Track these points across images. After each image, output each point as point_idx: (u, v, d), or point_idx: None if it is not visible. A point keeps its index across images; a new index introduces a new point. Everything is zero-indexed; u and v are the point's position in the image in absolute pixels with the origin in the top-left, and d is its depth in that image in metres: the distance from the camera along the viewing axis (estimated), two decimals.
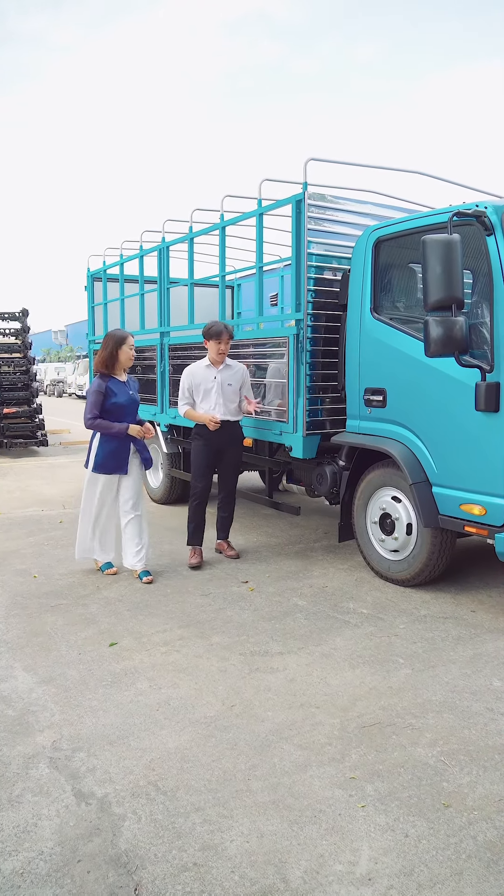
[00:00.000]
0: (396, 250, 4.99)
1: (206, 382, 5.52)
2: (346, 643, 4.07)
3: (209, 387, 5.52)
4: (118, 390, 5.11)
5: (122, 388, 5.17)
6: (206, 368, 5.55)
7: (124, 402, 5.12)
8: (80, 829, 2.43)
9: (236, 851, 2.33)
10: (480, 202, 4.27)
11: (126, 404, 5.14)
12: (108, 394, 5.05)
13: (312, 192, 5.20)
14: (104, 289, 8.88)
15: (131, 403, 5.20)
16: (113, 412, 5.07)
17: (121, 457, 5.17)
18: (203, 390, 5.53)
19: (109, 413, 5.06)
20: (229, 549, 5.88)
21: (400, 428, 4.85)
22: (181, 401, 5.62)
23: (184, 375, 5.60)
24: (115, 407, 5.07)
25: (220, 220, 6.24)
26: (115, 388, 5.10)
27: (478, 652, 3.96)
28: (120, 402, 5.09)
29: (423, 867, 2.27)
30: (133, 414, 5.24)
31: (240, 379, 5.61)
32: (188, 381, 5.56)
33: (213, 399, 5.51)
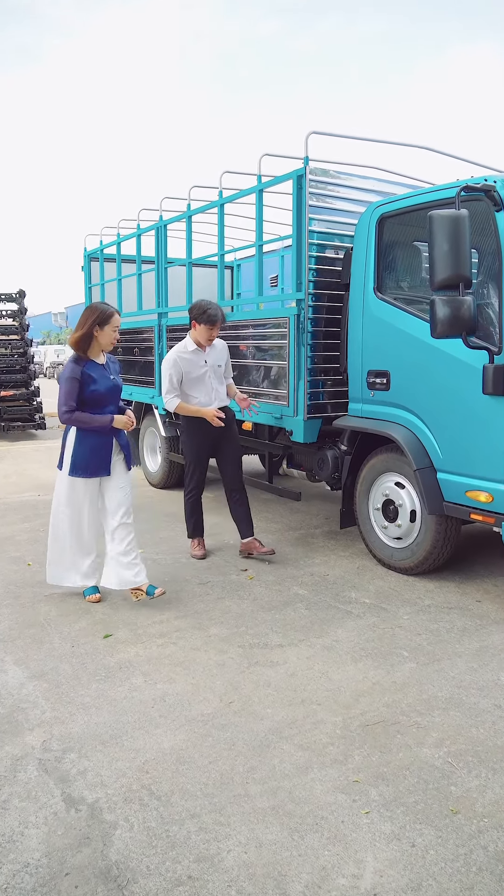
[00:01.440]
0: (401, 227, 4.80)
1: (196, 369, 5.01)
2: (349, 635, 3.94)
3: (200, 373, 5.02)
4: (97, 375, 4.24)
5: (102, 372, 4.29)
6: (194, 353, 5.01)
7: (104, 390, 4.27)
8: (68, 838, 2.31)
9: (233, 863, 2.20)
10: (489, 176, 4.09)
11: (107, 392, 4.29)
12: (85, 381, 4.19)
13: (314, 167, 5.01)
14: (101, 269, 8.69)
15: (113, 390, 4.35)
16: (92, 402, 4.23)
17: (102, 455, 4.32)
18: (194, 377, 5.01)
19: (87, 404, 4.22)
20: (261, 546, 5.27)
21: (404, 412, 4.70)
22: (168, 393, 5.00)
23: (168, 363, 4.97)
24: (94, 396, 4.23)
25: (219, 198, 6.04)
26: (93, 373, 4.23)
27: (484, 644, 3.82)
28: (100, 391, 4.24)
29: (431, 881, 2.15)
30: (115, 403, 4.40)
31: (225, 357, 5.19)
32: (175, 369, 4.96)
33: (208, 386, 5.06)
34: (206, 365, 5.04)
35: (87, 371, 4.22)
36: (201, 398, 5.05)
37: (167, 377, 4.98)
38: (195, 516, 5.39)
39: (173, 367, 4.96)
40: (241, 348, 5.91)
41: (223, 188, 6.03)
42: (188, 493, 5.35)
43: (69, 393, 4.17)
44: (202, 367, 5.03)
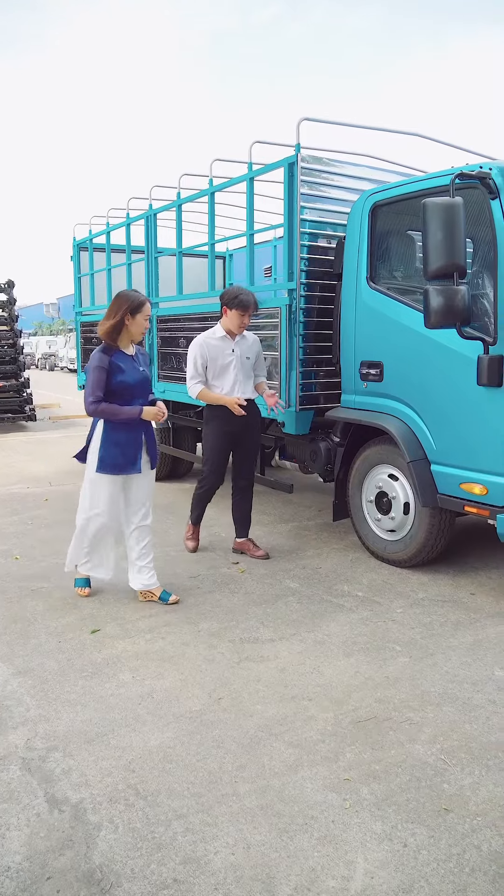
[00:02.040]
0: (394, 216, 4.73)
1: (222, 357, 4.77)
2: (341, 629, 3.89)
3: (226, 362, 4.78)
4: (126, 366, 4.04)
5: (131, 363, 4.08)
6: (222, 340, 4.77)
7: (133, 382, 4.05)
8: (51, 840, 2.24)
9: (221, 865, 2.14)
10: (485, 163, 4.01)
11: (136, 384, 4.07)
12: (113, 370, 3.99)
13: (306, 154, 4.93)
14: (90, 259, 8.59)
15: (142, 382, 4.12)
16: (119, 394, 4.02)
17: (132, 451, 4.09)
18: (219, 366, 4.77)
19: (115, 395, 4.01)
20: (255, 548, 5.14)
21: (397, 403, 4.64)
22: (192, 379, 4.80)
23: (194, 347, 4.78)
24: (122, 387, 4.01)
25: (209, 186, 5.95)
26: (121, 363, 4.03)
27: (478, 638, 3.77)
28: (128, 382, 4.02)
29: (423, 882, 2.09)
30: (145, 396, 4.16)
31: (256, 351, 4.93)
32: (200, 354, 4.75)
33: (232, 376, 4.80)
34: (234, 354, 4.79)
35: (116, 361, 4.02)
36: (225, 388, 4.81)
37: (192, 361, 4.79)
38: (200, 507, 5.25)
39: (198, 351, 4.76)
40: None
41: (213, 176, 5.94)
42: (202, 487, 5.12)
43: (97, 382, 3.97)
44: (229, 356, 4.79)
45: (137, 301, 4.03)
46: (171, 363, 6.81)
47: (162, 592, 4.28)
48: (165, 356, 6.94)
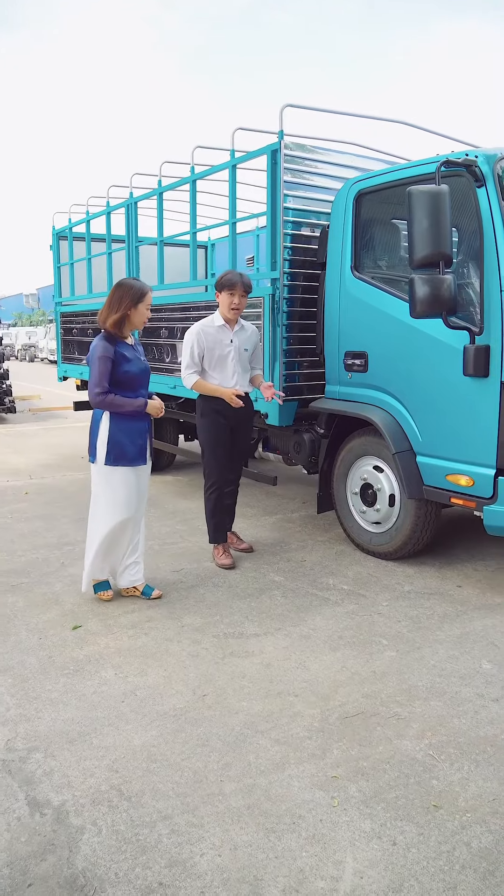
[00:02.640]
0: (379, 204, 4.67)
1: (220, 347, 4.56)
2: (326, 623, 3.84)
3: (224, 352, 4.57)
4: (130, 355, 3.95)
5: (133, 352, 4.00)
6: (220, 329, 4.57)
7: (138, 372, 3.96)
8: (32, 845, 2.18)
9: (207, 867, 2.09)
10: (470, 151, 3.96)
11: (139, 374, 3.98)
12: (118, 360, 3.88)
13: (289, 141, 4.86)
14: (70, 248, 8.47)
15: (145, 372, 4.05)
16: (125, 384, 3.92)
17: (140, 441, 4.02)
18: (217, 356, 4.56)
19: (121, 385, 3.90)
20: (239, 541, 5.08)
21: (382, 394, 4.59)
22: (187, 368, 4.58)
23: (190, 336, 4.56)
24: (127, 377, 3.91)
25: (191, 174, 5.86)
26: (126, 352, 3.93)
27: (465, 631, 3.75)
28: (133, 372, 3.93)
29: (413, 881, 2.05)
30: (146, 386, 4.09)
31: (254, 343, 4.74)
32: (197, 343, 4.53)
33: (230, 368, 4.59)
34: (232, 345, 4.58)
35: (120, 350, 3.91)
36: (221, 380, 4.60)
37: (188, 350, 4.55)
38: (217, 516, 4.81)
39: (195, 340, 4.53)
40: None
41: (195, 164, 5.86)
42: (208, 486, 4.78)
43: (102, 373, 3.84)
44: (227, 347, 4.58)
45: (141, 291, 3.93)
46: (152, 353, 6.72)
47: (145, 587, 4.22)
48: (147, 346, 6.85)
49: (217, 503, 4.79)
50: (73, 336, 8.64)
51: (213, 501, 4.78)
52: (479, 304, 3.89)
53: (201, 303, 6.02)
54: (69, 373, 8.89)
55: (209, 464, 4.76)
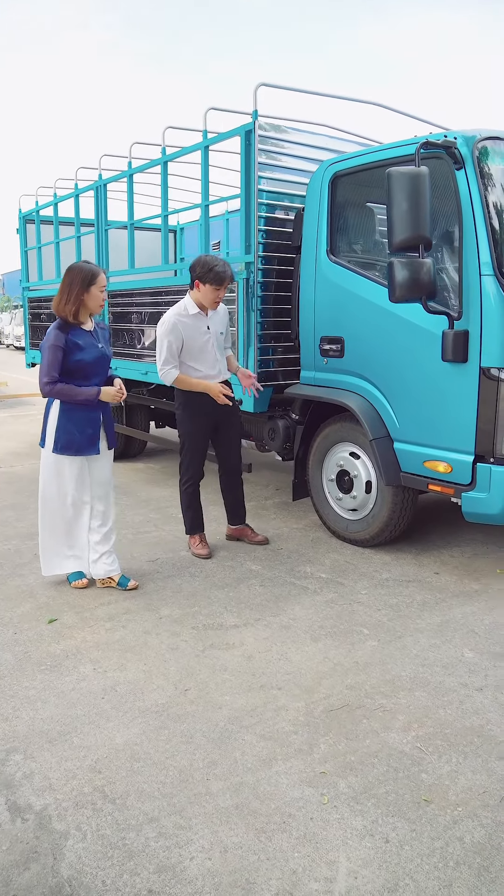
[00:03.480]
0: (355, 187, 4.59)
1: (197, 336, 4.33)
2: (306, 612, 3.80)
3: (203, 341, 4.34)
4: (84, 343, 3.85)
5: (89, 340, 3.88)
6: (196, 318, 4.32)
7: (91, 360, 3.86)
8: (14, 853, 2.10)
9: (197, 872, 2.03)
10: (449, 132, 3.90)
11: (93, 362, 3.87)
12: (69, 349, 3.79)
13: (263, 122, 4.75)
14: (37, 232, 8.27)
15: (101, 360, 3.93)
16: (77, 373, 3.83)
17: (90, 431, 3.92)
18: (196, 346, 4.33)
19: (72, 374, 3.82)
20: (254, 534, 4.90)
21: (359, 379, 4.54)
22: (165, 364, 4.30)
23: (165, 328, 4.27)
24: (79, 366, 3.82)
25: (162, 155, 5.72)
26: (79, 340, 3.83)
27: (445, 619, 3.73)
28: (85, 360, 3.82)
29: (408, 880, 2.02)
30: (103, 374, 3.97)
31: (226, 323, 4.55)
32: (175, 335, 4.26)
33: (211, 356, 4.39)
34: (210, 332, 4.37)
35: (72, 338, 3.82)
36: (204, 370, 4.39)
37: (164, 344, 4.26)
38: (193, 509, 4.70)
39: (172, 333, 4.26)
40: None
41: (166, 145, 5.72)
42: (184, 481, 4.65)
43: (51, 363, 3.77)
44: (205, 335, 4.35)
45: (91, 273, 3.82)
46: (123, 339, 6.60)
47: (121, 578, 4.14)
48: (117, 332, 6.72)
49: (193, 497, 4.68)
50: (41, 322, 8.45)
51: (189, 495, 4.68)
52: (459, 288, 3.85)
53: (172, 287, 5.90)
54: (38, 359, 8.70)
55: (187, 458, 4.62)
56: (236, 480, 4.85)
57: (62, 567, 4.13)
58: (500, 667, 3.23)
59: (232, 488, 4.85)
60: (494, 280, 3.74)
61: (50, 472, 4.00)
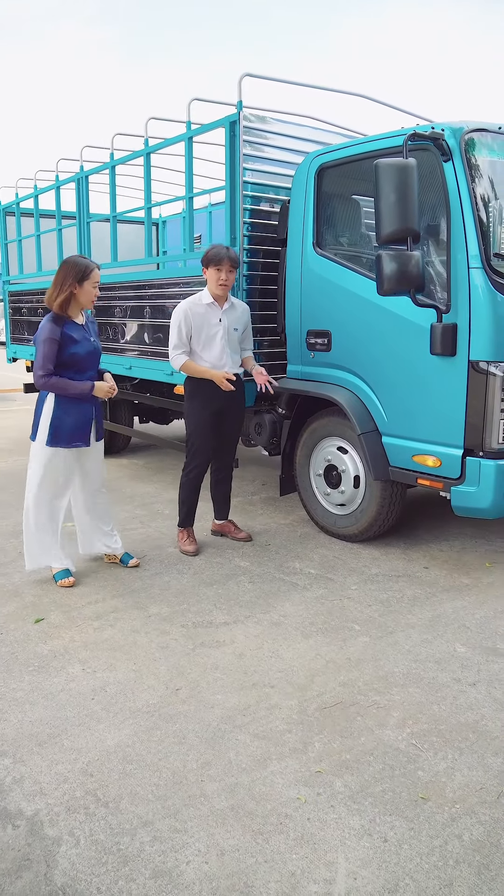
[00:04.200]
0: (342, 178, 4.55)
1: (208, 326, 4.37)
2: (296, 609, 3.77)
3: (213, 332, 4.38)
4: (78, 336, 3.90)
5: (82, 333, 3.94)
6: (209, 308, 4.37)
7: (85, 353, 3.92)
8: (6, 861, 2.04)
9: (194, 876, 1.99)
10: (437, 124, 3.87)
11: (87, 355, 3.95)
12: (64, 342, 3.83)
13: (248, 112, 4.69)
14: (17, 224, 8.14)
15: (93, 353, 4.01)
16: (71, 366, 3.88)
17: (83, 423, 4.01)
18: (204, 336, 4.37)
19: (67, 367, 3.87)
20: (237, 530, 4.89)
21: (346, 373, 4.51)
22: (175, 349, 4.37)
23: (177, 315, 4.35)
24: (73, 359, 3.87)
25: (145, 146, 5.65)
26: (73, 333, 3.87)
27: (436, 614, 3.71)
28: (80, 353, 3.89)
29: (408, 880, 1.99)
30: (95, 367, 4.06)
31: (245, 322, 4.57)
32: (185, 322, 4.33)
33: (219, 348, 4.40)
34: (220, 324, 4.39)
35: (67, 331, 3.86)
36: (211, 361, 4.41)
37: (175, 329, 4.35)
38: (190, 501, 4.68)
39: (183, 319, 4.33)
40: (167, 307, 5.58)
41: (149, 136, 5.64)
42: (188, 471, 4.63)
43: (47, 355, 3.81)
44: (215, 326, 4.38)
45: (86, 268, 3.88)
46: (106, 333, 6.51)
47: (123, 555, 4.35)
48: (101, 326, 6.63)
49: (194, 484, 4.66)
50: (22, 316, 8.34)
51: (191, 482, 4.65)
52: (447, 281, 3.82)
53: (154, 280, 5.84)
54: (19, 354, 8.59)
55: (194, 446, 4.60)
56: (227, 475, 4.83)
57: (48, 560, 4.12)
58: (492, 661, 3.22)
59: (222, 483, 4.84)
60: (483, 273, 3.72)
61: (40, 465, 4.01)
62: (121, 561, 4.35)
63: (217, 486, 4.85)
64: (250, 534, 4.92)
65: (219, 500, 4.89)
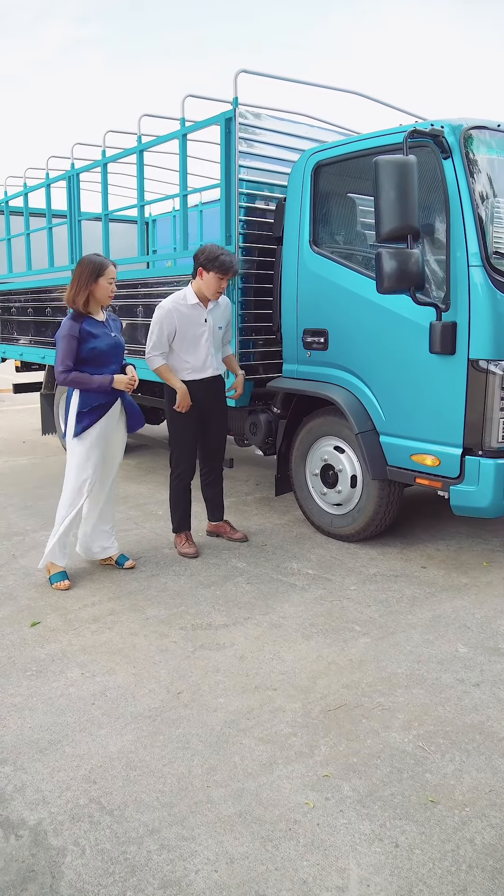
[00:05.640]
0: (339, 176, 4.52)
1: (192, 327, 4.26)
2: (296, 610, 3.73)
3: (198, 333, 4.27)
4: (98, 332, 3.94)
5: (102, 329, 3.98)
6: (194, 308, 4.25)
7: (105, 348, 3.94)
8: (10, 873, 1.99)
9: (204, 886, 1.94)
10: (436, 121, 3.84)
11: (108, 349, 3.96)
12: (83, 338, 3.88)
13: (244, 109, 4.65)
14: (6, 223, 8.07)
15: (115, 348, 4.02)
16: (92, 361, 3.91)
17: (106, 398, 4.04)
18: (189, 337, 4.26)
19: (88, 362, 3.91)
20: (232, 530, 4.83)
21: (343, 372, 4.47)
22: (154, 349, 4.27)
23: (161, 314, 4.21)
24: (93, 354, 3.91)
25: (138, 143, 5.59)
26: (92, 329, 3.92)
27: (436, 614, 3.68)
28: (100, 348, 3.92)
29: (421, 885, 1.95)
30: (118, 362, 4.07)
31: (228, 319, 4.49)
32: (167, 323, 4.21)
33: (204, 350, 4.31)
34: (206, 325, 4.29)
35: (86, 328, 3.92)
36: (193, 363, 4.33)
37: (156, 328, 4.22)
38: (182, 506, 4.59)
39: (166, 318, 4.20)
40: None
41: (142, 134, 5.59)
42: (175, 477, 4.56)
43: (66, 352, 3.88)
44: (201, 327, 4.28)
45: (100, 265, 3.93)
46: None
47: (119, 556, 4.33)
48: None
49: (183, 492, 4.58)
50: (11, 315, 8.26)
51: (179, 491, 4.58)
52: (447, 279, 3.79)
53: (149, 279, 5.78)
54: (8, 354, 8.50)
55: (177, 452, 4.54)
56: (217, 476, 4.77)
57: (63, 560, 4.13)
58: (495, 662, 3.19)
59: (213, 484, 4.77)
60: (483, 271, 3.70)
61: (80, 462, 4.01)
62: (116, 562, 4.31)
63: (207, 488, 4.78)
64: (246, 534, 4.86)
65: (211, 502, 4.83)
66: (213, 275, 4.16)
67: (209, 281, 4.19)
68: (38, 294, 7.45)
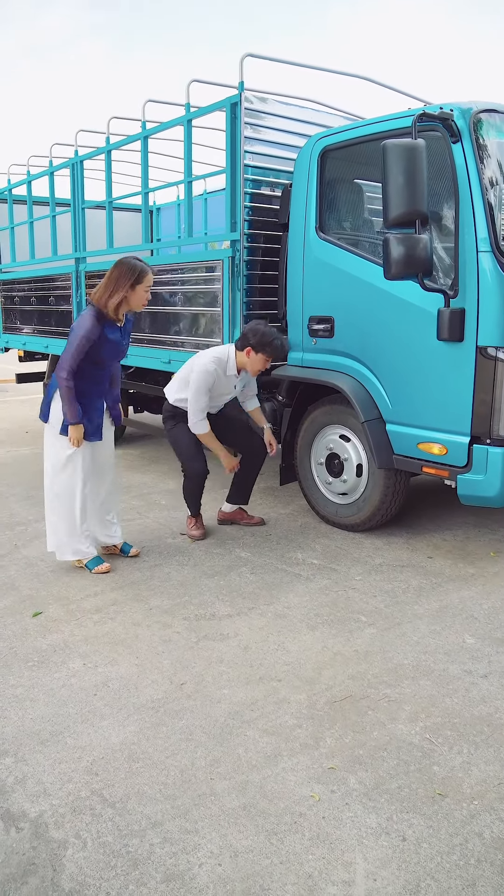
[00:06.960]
0: (346, 161, 4.45)
1: (223, 388, 4.44)
2: (301, 600, 3.69)
3: (225, 392, 4.49)
4: (114, 338, 3.86)
5: (118, 335, 3.89)
6: (229, 378, 4.41)
7: (112, 357, 3.92)
8: (11, 866, 1.96)
9: (208, 879, 1.91)
10: (445, 104, 3.77)
11: (112, 356, 3.93)
12: (100, 343, 3.79)
13: (250, 94, 4.58)
14: (10, 211, 8.01)
15: (121, 353, 3.99)
16: (93, 360, 3.85)
17: (95, 418, 3.98)
18: (216, 395, 4.44)
19: (91, 362, 3.83)
20: (249, 516, 4.89)
21: (349, 360, 4.41)
22: (200, 412, 4.34)
23: (207, 378, 4.26)
24: (100, 358, 3.87)
25: (142, 129, 5.53)
26: (110, 335, 3.83)
27: (443, 604, 3.64)
28: (107, 357, 3.88)
29: (429, 880, 1.91)
30: (117, 363, 4.10)
31: (249, 378, 4.62)
32: (207, 387, 4.30)
33: (222, 402, 4.58)
34: (235, 390, 4.55)
35: (106, 333, 3.81)
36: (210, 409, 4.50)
37: (204, 392, 4.29)
38: (195, 494, 4.68)
39: (208, 384, 4.29)
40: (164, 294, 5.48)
41: (146, 120, 5.52)
42: (186, 476, 4.66)
43: (77, 353, 3.75)
44: (229, 390, 4.51)
45: (140, 271, 3.79)
46: None
47: (123, 545, 4.30)
48: None
49: (194, 490, 4.64)
50: (14, 304, 8.21)
51: (190, 490, 4.65)
52: (455, 265, 3.73)
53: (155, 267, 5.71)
54: (11, 343, 8.46)
55: (190, 462, 4.56)
56: (259, 462, 4.76)
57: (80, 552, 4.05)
58: (502, 653, 3.15)
59: (252, 469, 4.76)
60: (492, 256, 3.63)
61: (60, 454, 3.92)
62: (121, 551, 4.28)
63: (248, 471, 4.76)
64: (262, 517, 4.91)
65: (243, 485, 4.81)
66: (262, 356, 4.30)
67: (256, 361, 4.33)
68: (42, 283, 7.40)
